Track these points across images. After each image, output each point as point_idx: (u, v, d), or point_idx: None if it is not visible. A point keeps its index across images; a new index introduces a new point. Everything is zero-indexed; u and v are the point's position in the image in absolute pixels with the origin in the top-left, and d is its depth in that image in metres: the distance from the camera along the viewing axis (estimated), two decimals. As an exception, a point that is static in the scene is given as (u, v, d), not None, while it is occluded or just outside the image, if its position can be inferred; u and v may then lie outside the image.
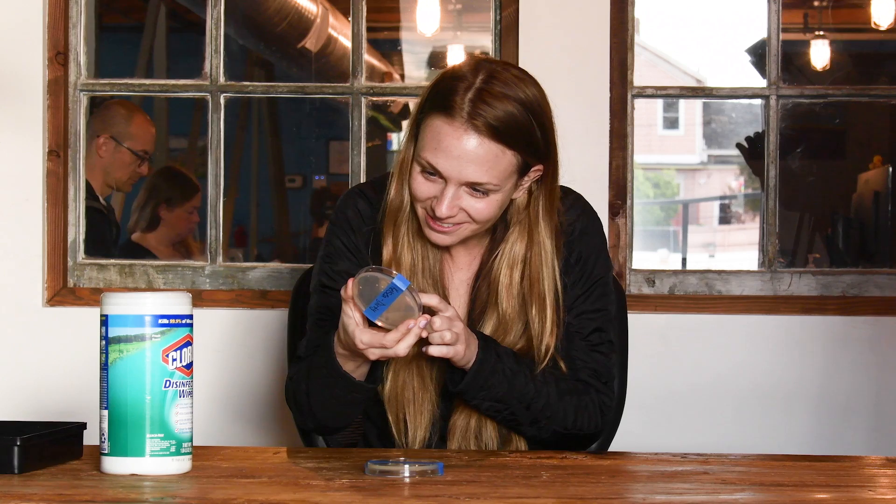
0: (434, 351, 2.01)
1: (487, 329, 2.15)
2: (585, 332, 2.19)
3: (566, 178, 2.23)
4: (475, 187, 2.06)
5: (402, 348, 1.95)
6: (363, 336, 1.96)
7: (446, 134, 2.03)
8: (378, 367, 2.09)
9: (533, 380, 2.12)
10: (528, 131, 2.06)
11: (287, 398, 2.22)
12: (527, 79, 2.10)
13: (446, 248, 2.19)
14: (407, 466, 1.82)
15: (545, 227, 2.15)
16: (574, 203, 2.23)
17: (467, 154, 2.03)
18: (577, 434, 2.18)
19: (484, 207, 2.08)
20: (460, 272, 2.22)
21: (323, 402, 2.12)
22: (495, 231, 2.19)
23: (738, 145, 6.84)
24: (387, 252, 2.16)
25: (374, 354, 1.98)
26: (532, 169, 2.11)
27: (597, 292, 2.21)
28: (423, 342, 2.00)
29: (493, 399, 2.10)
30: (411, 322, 1.94)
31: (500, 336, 2.15)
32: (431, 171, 2.06)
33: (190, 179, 4.86)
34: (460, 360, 2.05)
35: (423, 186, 2.08)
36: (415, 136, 2.11)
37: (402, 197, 2.15)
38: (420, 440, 2.16)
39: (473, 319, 2.18)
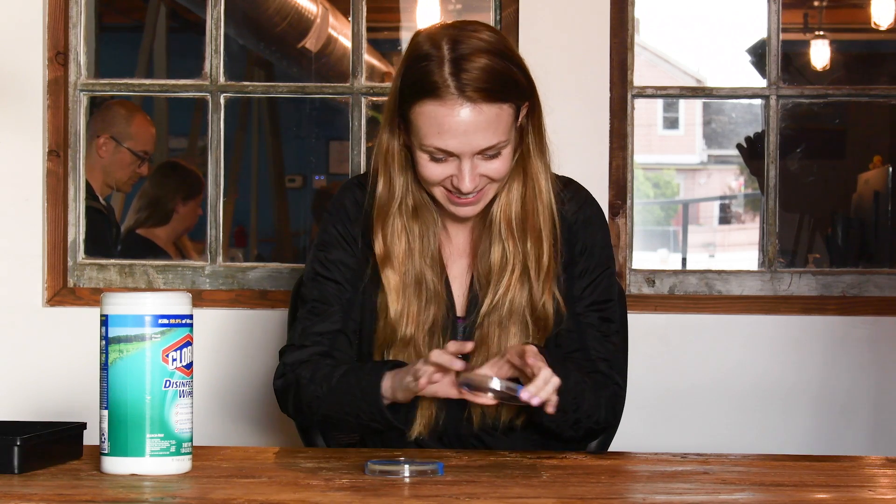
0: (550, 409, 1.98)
1: (494, 267, 2.15)
2: (596, 322, 2.20)
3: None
4: (487, 151, 2.07)
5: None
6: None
7: (444, 115, 2.04)
8: (405, 414, 2.10)
9: (579, 381, 2.09)
10: (510, 76, 2.07)
11: (280, 385, 2.19)
12: (482, 27, 2.11)
13: (444, 228, 2.20)
14: (407, 466, 1.82)
15: (538, 161, 2.16)
16: (576, 193, 2.23)
17: (471, 125, 2.04)
18: (603, 428, 2.20)
19: (500, 165, 2.10)
20: (459, 236, 2.22)
21: (337, 413, 2.11)
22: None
23: (738, 146, 6.84)
24: (378, 247, 2.16)
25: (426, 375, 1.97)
26: (522, 108, 2.12)
27: (604, 283, 2.21)
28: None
29: (561, 409, 2.08)
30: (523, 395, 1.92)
31: (507, 273, 2.14)
32: (441, 155, 2.07)
33: (196, 174, 4.88)
34: None
35: (436, 170, 2.09)
36: (400, 127, 2.11)
37: (389, 189, 2.15)
38: (426, 418, 2.16)
39: (476, 265, 2.18)
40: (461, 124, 2.04)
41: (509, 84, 2.07)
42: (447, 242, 2.22)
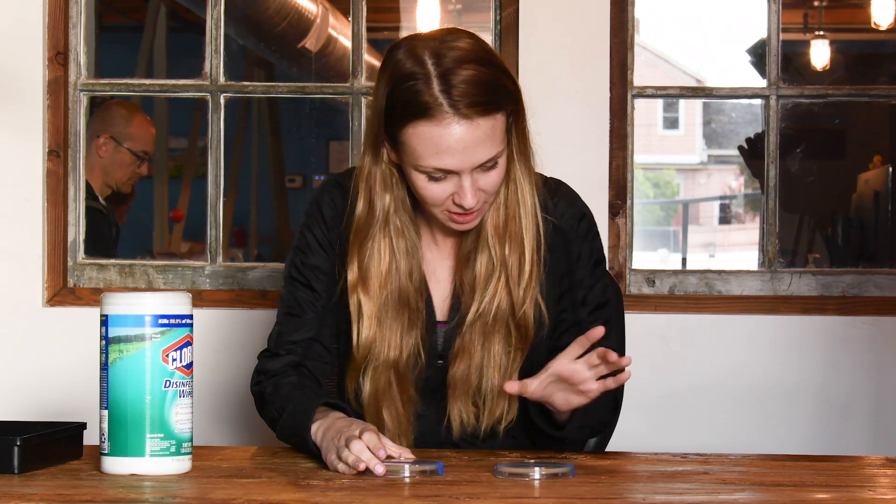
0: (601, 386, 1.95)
1: (481, 273, 2.12)
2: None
3: (567, 178, 2.24)
4: (486, 164, 2.03)
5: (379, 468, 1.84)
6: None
7: (441, 135, 1.99)
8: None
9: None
10: (498, 82, 2.03)
11: (253, 392, 2.18)
12: (459, 35, 2.05)
13: (432, 235, 2.18)
14: (407, 466, 1.82)
15: (521, 165, 2.12)
16: (571, 203, 2.20)
17: (470, 141, 1.99)
18: (605, 427, 2.19)
19: (497, 176, 2.06)
20: (447, 241, 2.20)
21: (290, 443, 2.10)
22: None
23: (739, 147, 6.85)
24: (352, 274, 2.12)
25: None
26: (510, 113, 2.08)
27: (598, 287, 2.20)
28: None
29: (580, 427, 2.09)
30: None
31: (494, 279, 2.11)
32: (439, 174, 2.02)
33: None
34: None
35: (437, 190, 2.04)
36: (390, 148, 2.06)
37: (369, 210, 2.11)
38: (406, 438, 2.15)
39: (460, 272, 2.15)
40: (459, 142, 1.99)
41: (499, 91, 2.02)
42: (433, 248, 2.20)
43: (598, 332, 1.92)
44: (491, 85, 2.01)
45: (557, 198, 2.19)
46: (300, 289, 2.18)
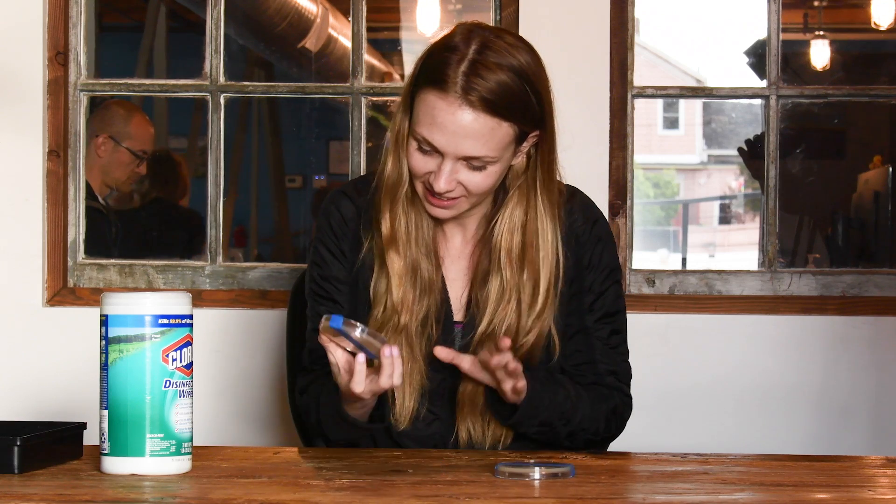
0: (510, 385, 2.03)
1: (491, 295, 2.13)
2: (605, 335, 2.20)
3: (567, 178, 2.24)
4: (472, 161, 2.04)
5: (397, 378, 1.93)
6: (360, 388, 1.94)
7: (441, 109, 2.01)
8: (385, 404, 2.09)
9: (570, 396, 2.11)
10: (523, 100, 2.04)
11: (294, 410, 2.23)
12: (521, 45, 2.07)
13: (441, 226, 2.19)
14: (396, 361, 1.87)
15: (543, 195, 2.13)
16: (586, 209, 2.21)
17: (463, 129, 2.01)
18: (605, 439, 2.19)
19: (481, 180, 2.07)
20: (455, 240, 2.21)
21: (335, 433, 2.13)
22: (496, 198, 2.17)
23: (739, 149, 6.83)
24: (385, 227, 2.13)
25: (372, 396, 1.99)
26: (529, 135, 2.09)
27: (611, 295, 2.21)
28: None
29: (541, 423, 2.10)
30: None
31: (504, 302, 2.12)
32: (427, 147, 2.05)
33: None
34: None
35: (420, 161, 2.07)
36: (409, 109, 2.09)
37: (399, 170, 2.12)
38: (409, 410, 2.15)
39: (475, 288, 2.16)
40: (452, 124, 2.01)
41: (517, 106, 2.03)
42: (443, 241, 2.21)
43: (506, 343, 1.99)
44: (512, 96, 2.02)
45: (572, 204, 2.20)
46: (322, 302, 2.20)
